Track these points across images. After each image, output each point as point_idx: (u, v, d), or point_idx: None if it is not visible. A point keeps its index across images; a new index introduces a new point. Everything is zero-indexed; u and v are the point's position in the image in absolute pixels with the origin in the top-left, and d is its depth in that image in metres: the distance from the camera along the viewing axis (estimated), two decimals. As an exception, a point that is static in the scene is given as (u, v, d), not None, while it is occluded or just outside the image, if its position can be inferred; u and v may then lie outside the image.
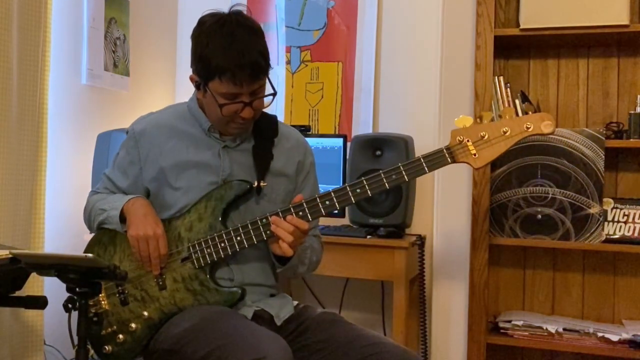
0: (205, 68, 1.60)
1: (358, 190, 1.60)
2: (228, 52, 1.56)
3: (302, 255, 1.74)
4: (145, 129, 1.75)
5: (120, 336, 1.68)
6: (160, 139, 1.73)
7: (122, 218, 1.71)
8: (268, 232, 1.63)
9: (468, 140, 1.57)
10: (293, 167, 1.80)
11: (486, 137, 1.57)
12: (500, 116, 1.59)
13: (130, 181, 1.77)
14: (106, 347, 1.68)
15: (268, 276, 1.77)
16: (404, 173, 1.59)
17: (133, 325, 1.68)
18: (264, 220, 1.64)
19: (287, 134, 1.82)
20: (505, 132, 1.56)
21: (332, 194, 1.61)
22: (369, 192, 1.60)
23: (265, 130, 1.77)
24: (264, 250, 1.75)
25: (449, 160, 1.58)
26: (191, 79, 1.68)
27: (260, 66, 1.59)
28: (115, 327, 1.69)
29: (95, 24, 2.73)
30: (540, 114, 1.58)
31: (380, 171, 1.60)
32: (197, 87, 1.68)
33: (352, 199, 1.61)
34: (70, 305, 1.45)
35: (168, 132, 1.74)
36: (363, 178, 1.61)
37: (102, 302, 1.71)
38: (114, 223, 1.71)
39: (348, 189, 1.61)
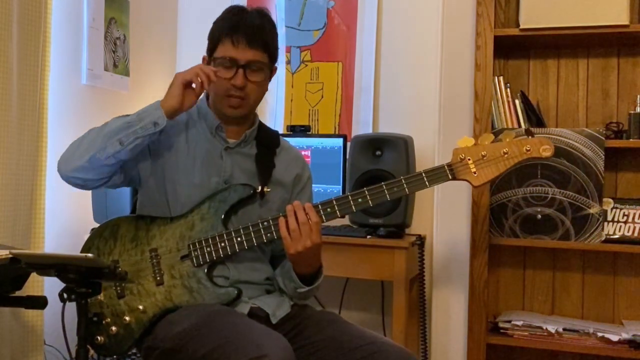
0: (212, 39, 1.74)
1: (360, 200, 1.66)
2: (232, 19, 1.72)
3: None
4: None
5: (114, 328, 1.68)
6: (169, 134, 1.76)
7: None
8: (269, 234, 1.67)
9: (469, 159, 1.64)
10: (290, 178, 1.85)
11: (486, 156, 1.64)
12: (500, 139, 1.65)
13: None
14: (98, 337, 1.69)
15: (263, 274, 1.79)
16: (405, 186, 1.66)
17: (127, 318, 1.68)
18: (265, 223, 1.67)
19: (288, 148, 1.90)
20: (505, 153, 1.63)
21: (334, 201, 1.66)
22: (370, 203, 1.66)
23: (268, 140, 1.85)
24: (259, 250, 1.79)
25: (450, 176, 1.65)
26: (203, 59, 1.78)
27: (257, 34, 1.71)
28: (109, 319, 1.69)
29: (95, 24, 2.73)
30: (540, 138, 1.65)
31: (382, 183, 1.66)
32: (208, 64, 1.76)
33: (353, 208, 1.66)
34: (65, 295, 1.45)
35: (177, 129, 1.78)
36: (365, 188, 1.66)
37: None
38: (151, 111, 1.67)
39: (350, 198, 1.66)
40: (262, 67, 1.73)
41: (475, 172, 1.64)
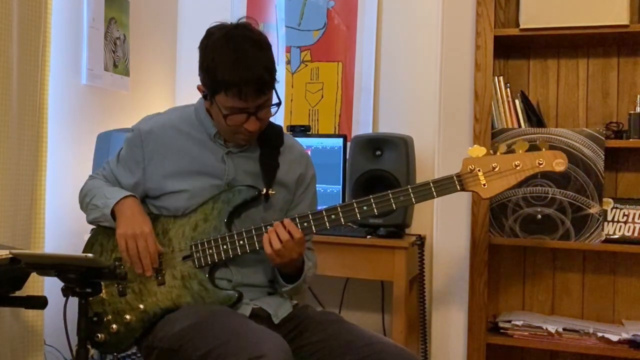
0: (211, 82, 1.62)
1: (365, 208, 1.63)
2: (234, 68, 1.57)
3: (307, 273, 1.77)
4: (152, 130, 1.76)
5: (114, 326, 1.69)
6: (165, 141, 1.74)
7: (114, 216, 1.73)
8: None
9: (479, 170, 1.60)
10: (294, 178, 1.82)
11: (497, 168, 1.59)
12: (513, 150, 1.60)
13: (134, 180, 1.77)
14: (99, 335, 1.69)
15: (266, 277, 1.78)
16: (412, 196, 1.62)
17: (128, 316, 1.69)
18: (268, 227, 1.66)
19: (291, 146, 1.85)
20: (516, 166, 1.59)
21: (339, 208, 1.64)
22: (375, 211, 1.63)
23: (271, 139, 1.79)
24: (262, 253, 1.76)
25: (458, 187, 1.61)
26: (199, 88, 1.70)
27: (265, 82, 1.60)
28: (110, 316, 1.70)
29: (95, 24, 2.73)
30: (554, 152, 1.60)
31: (389, 191, 1.63)
32: (204, 97, 1.70)
33: (358, 216, 1.63)
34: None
35: (173, 135, 1.75)
36: (371, 196, 1.63)
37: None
38: (108, 221, 1.74)
39: (355, 205, 1.63)
40: (271, 99, 1.67)
41: (484, 184, 1.59)
